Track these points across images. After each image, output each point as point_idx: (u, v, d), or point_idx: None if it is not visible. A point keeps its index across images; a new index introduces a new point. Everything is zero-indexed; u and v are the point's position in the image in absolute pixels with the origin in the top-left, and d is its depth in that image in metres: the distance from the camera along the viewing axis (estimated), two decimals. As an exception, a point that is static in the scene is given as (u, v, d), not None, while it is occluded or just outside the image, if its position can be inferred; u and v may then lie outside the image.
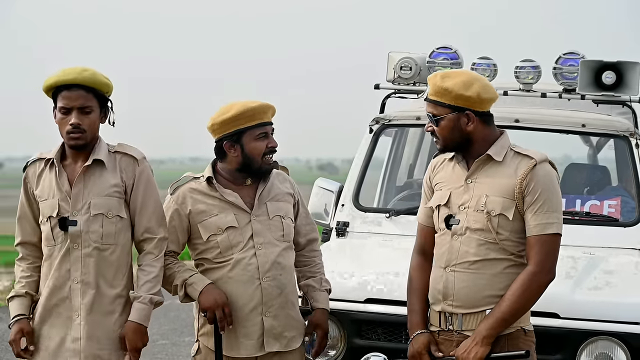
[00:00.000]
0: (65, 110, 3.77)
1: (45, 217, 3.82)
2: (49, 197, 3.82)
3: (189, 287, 3.87)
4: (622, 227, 5.20)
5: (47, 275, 3.84)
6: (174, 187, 3.99)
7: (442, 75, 3.59)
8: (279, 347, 3.93)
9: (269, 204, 3.95)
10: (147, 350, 8.05)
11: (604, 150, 7.49)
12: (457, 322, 3.59)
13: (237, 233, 3.90)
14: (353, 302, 4.61)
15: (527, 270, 3.52)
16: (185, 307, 10.61)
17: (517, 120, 5.44)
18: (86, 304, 3.79)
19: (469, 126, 3.58)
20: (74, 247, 3.79)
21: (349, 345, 4.60)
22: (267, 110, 3.91)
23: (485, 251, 3.55)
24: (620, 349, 4.38)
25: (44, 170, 3.86)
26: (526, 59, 5.69)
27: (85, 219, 3.79)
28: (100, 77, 3.81)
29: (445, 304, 3.60)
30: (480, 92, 3.55)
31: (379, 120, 5.74)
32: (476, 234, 3.56)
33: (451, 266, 3.60)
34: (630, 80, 5.49)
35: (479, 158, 3.60)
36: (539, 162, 3.56)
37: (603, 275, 4.76)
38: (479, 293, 3.55)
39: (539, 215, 3.52)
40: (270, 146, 3.91)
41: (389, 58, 5.80)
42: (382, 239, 5.23)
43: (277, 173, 4.07)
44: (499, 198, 3.55)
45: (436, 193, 3.71)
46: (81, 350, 3.79)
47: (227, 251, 3.90)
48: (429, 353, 3.63)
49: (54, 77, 3.78)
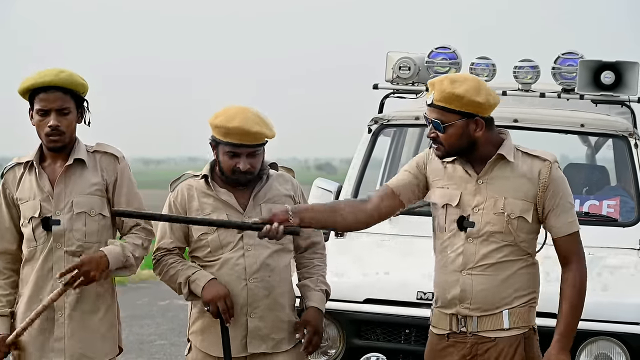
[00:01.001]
0: (43, 112, 3.79)
1: (27, 218, 3.84)
2: (30, 198, 3.84)
3: (192, 283, 3.85)
4: (621, 227, 5.20)
5: (29, 275, 3.85)
6: (173, 184, 4.01)
7: (451, 80, 3.50)
8: (265, 348, 3.89)
9: (263, 205, 3.92)
10: (145, 350, 8.08)
11: (601, 150, 7.50)
12: (471, 324, 3.55)
13: (228, 233, 3.89)
14: (352, 302, 4.61)
15: (572, 269, 3.55)
16: (184, 308, 10.60)
17: (516, 120, 5.44)
18: (70, 303, 3.82)
19: (477, 132, 3.52)
20: (57, 246, 3.82)
21: (348, 345, 4.60)
22: (247, 134, 3.79)
23: (503, 253, 3.53)
24: (619, 349, 4.39)
25: (23, 174, 3.88)
26: (525, 59, 5.68)
27: (68, 218, 3.81)
28: (77, 78, 3.82)
29: (461, 307, 3.56)
30: (489, 98, 3.50)
31: (377, 120, 5.74)
32: (494, 236, 3.53)
33: (467, 269, 3.54)
34: (629, 80, 5.48)
35: (491, 159, 3.54)
36: (553, 162, 3.56)
37: (602, 275, 4.76)
38: (497, 295, 3.53)
39: (562, 216, 3.54)
40: (237, 167, 3.85)
41: (387, 58, 5.79)
42: (380, 239, 5.22)
43: (279, 174, 4.04)
44: (517, 200, 3.52)
45: (440, 190, 3.63)
46: (65, 349, 3.81)
47: (217, 251, 3.90)
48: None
49: (31, 80, 3.79)
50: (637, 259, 4.99)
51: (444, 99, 3.48)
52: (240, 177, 3.89)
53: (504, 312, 3.53)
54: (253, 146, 3.84)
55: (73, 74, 3.82)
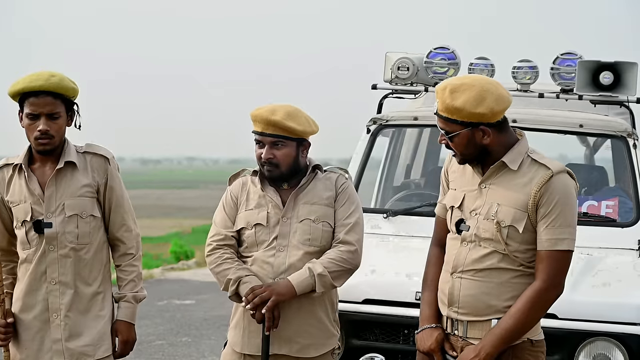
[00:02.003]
0: (32, 116, 3.79)
1: (20, 221, 3.87)
2: (21, 201, 3.86)
3: (242, 285, 3.81)
4: (620, 228, 5.19)
5: (23, 278, 3.88)
6: (232, 179, 4.04)
7: (451, 89, 3.38)
8: (288, 351, 3.84)
9: (302, 206, 3.89)
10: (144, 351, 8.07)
11: (600, 151, 7.49)
12: (462, 328, 3.51)
13: (265, 232, 3.87)
14: (351, 302, 4.60)
15: (535, 286, 3.39)
16: (181, 308, 10.61)
17: (515, 121, 5.43)
18: (65, 304, 3.84)
19: (485, 139, 3.42)
20: (49, 248, 3.84)
21: (347, 345, 4.60)
22: (267, 123, 3.81)
23: (493, 260, 3.45)
24: (618, 349, 4.39)
25: (12, 176, 3.90)
26: (524, 59, 5.68)
27: (60, 221, 3.83)
28: (67, 83, 3.82)
29: (450, 310, 3.52)
30: (493, 107, 3.36)
31: (376, 120, 5.74)
32: (485, 242, 3.46)
33: (458, 272, 3.50)
34: (628, 80, 5.47)
35: (493, 165, 3.46)
36: (556, 173, 3.40)
37: (601, 275, 4.75)
38: (484, 302, 3.45)
39: (551, 230, 3.38)
40: (262, 156, 3.86)
41: (386, 58, 5.78)
42: (379, 240, 5.22)
43: (326, 177, 3.96)
44: (510, 209, 3.42)
45: (450, 191, 3.61)
46: (64, 350, 3.82)
47: (252, 247, 3.89)
48: (442, 351, 3.55)
49: (21, 84, 3.78)
50: (635, 259, 4.99)
51: (445, 110, 3.41)
52: (268, 168, 3.86)
53: (494, 321, 3.44)
54: (275, 136, 3.83)
55: (64, 79, 3.81)
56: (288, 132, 3.85)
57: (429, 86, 5.71)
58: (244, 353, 3.89)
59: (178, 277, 13.45)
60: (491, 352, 3.41)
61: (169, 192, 49.56)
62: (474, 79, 3.44)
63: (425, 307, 3.63)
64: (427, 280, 3.67)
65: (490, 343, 3.41)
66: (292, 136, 3.86)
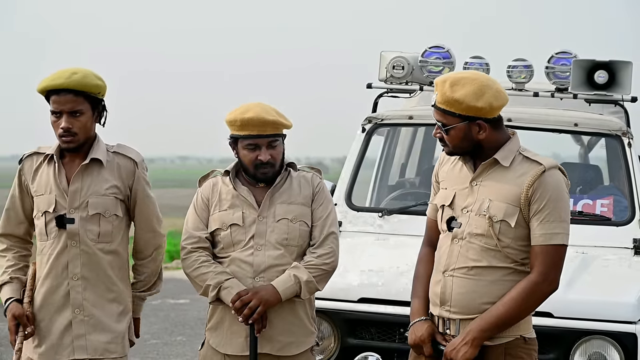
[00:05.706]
0: (56, 113, 3.80)
1: (41, 211, 3.85)
2: (46, 192, 3.85)
3: (223, 290, 3.83)
4: (615, 226, 5.20)
5: (42, 269, 3.86)
6: (201, 180, 4.04)
7: (452, 82, 3.41)
8: (270, 349, 3.86)
9: (278, 206, 3.89)
10: (138, 350, 8.06)
11: (594, 150, 7.50)
12: (454, 327, 3.50)
13: (241, 232, 3.88)
14: (346, 301, 4.61)
15: (530, 279, 3.39)
16: (175, 307, 10.59)
17: (510, 120, 5.44)
18: (88, 300, 3.83)
19: (481, 134, 3.44)
20: (71, 244, 3.83)
21: (342, 344, 4.60)
22: (264, 124, 3.81)
23: (486, 257, 3.44)
24: (613, 348, 4.39)
25: (41, 165, 3.89)
26: (518, 58, 5.68)
27: (82, 218, 3.83)
28: (90, 80, 3.79)
29: (442, 309, 3.51)
30: (492, 102, 3.39)
31: (371, 119, 5.73)
32: (477, 239, 3.45)
33: (449, 271, 3.49)
34: (623, 79, 5.49)
35: (485, 161, 3.47)
36: (548, 168, 3.42)
37: (596, 274, 4.76)
38: (477, 300, 3.44)
39: (544, 225, 3.39)
40: (259, 159, 3.84)
41: (381, 57, 5.78)
42: (374, 238, 5.22)
43: (302, 176, 3.97)
44: (502, 204, 3.42)
45: (441, 191, 3.61)
46: (87, 346, 3.83)
47: (229, 248, 3.89)
48: (432, 342, 3.54)
49: (45, 82, 3.79)
50: (630, 258, 5.00)
51: (444, 102, 3.42)
52: (263, 171, 3.86)
53: None
54: (272, 136, 3.83)
55: (87, 75, 3.79)
56: (283, 128, 3.87)
57: (424, 85, 5.71)
58: (226, 353, 3.90)
59: (172, 277, 13.42)
60: (478, 336, 3.40)
61: (163, 192, 49.66)
62: (475, 74, 3.47)
63: (415, 301, 3.64)
64: (417, 276, 3.68)
65: (478, 327, 3.41)
66: (284, 133, 3.89)
